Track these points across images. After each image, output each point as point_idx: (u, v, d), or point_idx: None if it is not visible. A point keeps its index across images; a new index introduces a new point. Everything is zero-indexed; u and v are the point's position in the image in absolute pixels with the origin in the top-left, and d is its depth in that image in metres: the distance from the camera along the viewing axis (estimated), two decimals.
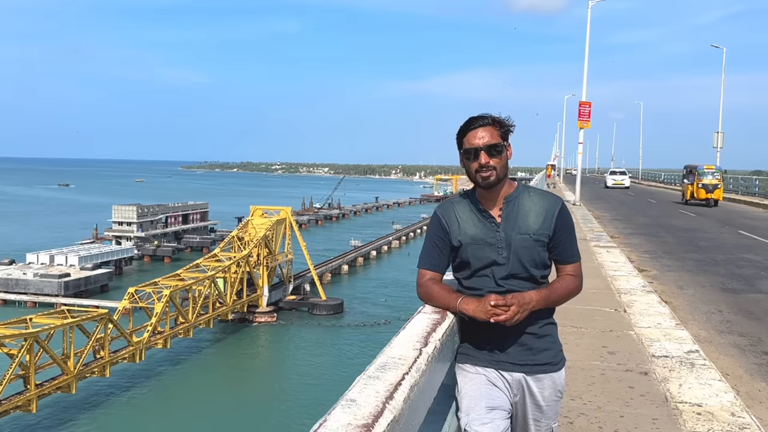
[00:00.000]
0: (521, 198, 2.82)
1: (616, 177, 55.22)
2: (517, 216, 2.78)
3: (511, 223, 2.77)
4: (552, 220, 2.78)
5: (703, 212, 28.73)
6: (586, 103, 30.13)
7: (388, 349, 2.36)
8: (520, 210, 2.79)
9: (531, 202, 2.81)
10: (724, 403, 4.89)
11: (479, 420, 2.69)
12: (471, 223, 2.82)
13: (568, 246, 2.86)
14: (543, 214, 2.78)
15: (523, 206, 2.80)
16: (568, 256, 2.87)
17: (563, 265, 2.89)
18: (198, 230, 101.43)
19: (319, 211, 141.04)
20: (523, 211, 2.79)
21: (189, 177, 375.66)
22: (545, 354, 2.82)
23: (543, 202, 2.81)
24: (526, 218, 2.77)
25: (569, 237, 2.87)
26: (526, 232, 2.76)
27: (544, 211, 2.79)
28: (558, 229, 2.79)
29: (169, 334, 48.11)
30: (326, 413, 1.80)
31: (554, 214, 2.79)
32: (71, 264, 71.52)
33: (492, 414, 2.72)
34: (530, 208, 2.79)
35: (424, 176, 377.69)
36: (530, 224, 2.77)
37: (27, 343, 34.87)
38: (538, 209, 2.79)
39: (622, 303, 8.54)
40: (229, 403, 39.74)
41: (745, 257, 14.98)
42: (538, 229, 2.77)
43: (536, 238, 2.77)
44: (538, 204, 2.80)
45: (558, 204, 2.83)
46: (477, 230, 2.80)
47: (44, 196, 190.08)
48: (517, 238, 2.75)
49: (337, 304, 64.00)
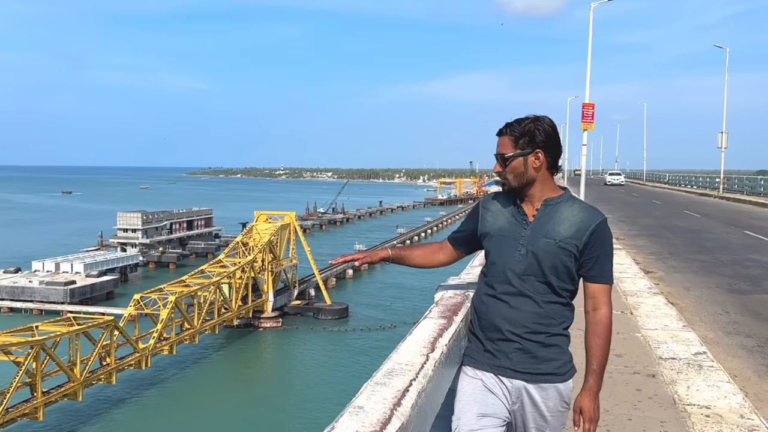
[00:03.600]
0: (562, 205, 2.77)
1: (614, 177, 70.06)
2: (550, 220, 2.75)
3: (541, 225, 2.75)
4: (586, 233, 2.70)
5: (708, 213, 28.65)
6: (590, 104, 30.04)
7: (395, 354, 2.36)
8: (556, 215, 2.75)
9: (570, 211, 2.75)
10: (732, 405, 4.86)
11: (468, 426, 2.66)
12: (504, 215, 2.84)
13: (599, 264, 2.74)
14: (578, 224, 2.71)
15: (560, 212, 2.75)
16: (597, 274, 2.75)
17: (591, 283, 2.78)
18: (203, 236, 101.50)
19: (323, 216, 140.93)
20: (558, 218, 2.74)
21: (193, 183, 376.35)
22: (550, 364, 2.74)
23: (582, 214, 2.74)
24: (558, 224, 2.73)
25: (604, 255, 2.74)
26: (553, 237, 2.71)
27: (580, 222, 2.72)
28: (591, 243, 2.70)
29: (175, 341, 48.14)
30: (333, 420, 1.79)
31: (590, 228, 2.70)
32: (77, 271, 71.65)
33: (483, 421, 2.68)
34: (566, 217, 2.74)
35: (428, 180, 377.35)
36: (560, 231, 2.71)
37: (33, 350, 34.92)
38: (574, 219, 2.73)
39: (629, 305, 8.51)
40: (236, 409, 39.72)
41: (752, 258, 14.91)
42: (567, 237, 2.70)
43: (562, 246, 2.70)
44: (577, 215, 2.74)
45: (598, 219, 2.74)
46: (506, 223, 2.82)
47: (48, 203, 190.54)
48: (541, 240, 2.72)
49: (342, 308, 63.93)
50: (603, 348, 2.78)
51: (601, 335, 2.78)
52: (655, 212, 29.54)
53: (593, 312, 2.79)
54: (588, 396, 2.76)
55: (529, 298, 2.72)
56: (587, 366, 2.80)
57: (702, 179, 58.60)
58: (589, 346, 2.80)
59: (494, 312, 2.77)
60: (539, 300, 2.72)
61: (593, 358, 2.78)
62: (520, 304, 2.73)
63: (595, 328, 2.78)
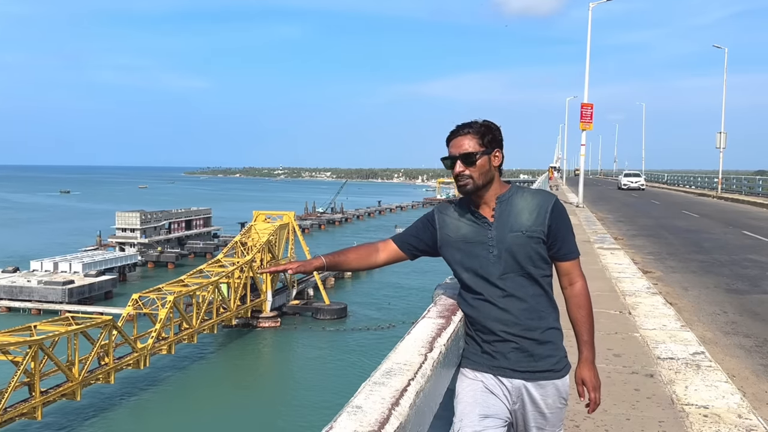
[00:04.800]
0: (514, 198, 2.83)
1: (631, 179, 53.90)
2: (509, 215, 2.79)
3: (503, 222, 2.78)
4: (545, 216, 2.77)
5: (706, 213, 28.68)
6: (588, 104, 30.12)
7: (394, 354, 2.35)
8: (512, 209, 2.80)
9: (524, 200, 2.81)
10: (730, 405, 4.87)
11: (471, 428, 2.68)
12: (464, 223, 2.86)
13: (567, 241, 2.83)
14: (536, 210, 2.78)
15: (515, 205, 2.80)
16: (567, 251, 2.84)
17: (562, 261, 2.86)
18: (201, 236, 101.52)
19: (321, 216, 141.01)
20: (515, 210, 2.79)
21: (192, 183, 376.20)
22: (547, 361, 2.78)
23: (536, 200, 2.81)
24: (518, 216, 2.78)
25: (566, 231, 2.83)
26: (519, 230, 2.75)
27: (537, 207, 2.78)
28: (553, 224, 2.78)
29: (174, 340, 48.13)
30: (332, 420, 1.79)
31: (547, 210, 2.78)
32: (75, 271, 71.63)
33: (485, 422, 2.70)
34: (523, 207, 2.80)
35: (427, 179, 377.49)
36: (523, 221, 2.76)
37: (32, 350, 34.91)
38: (531, 206, 2.79)
39: (627, 305, 8.52)
40: (234, 408, 39.71)
41: (750, 258, 14.92)
42: (531, 226, 2.76)
43: (530, 235, 2.75)
44: (531, 202, 2.80)
45: (551, 199, 2.82)
46: (469, 230, 2.83)
47: (46, 203, 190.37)
48: (509, 236, 2.75)
49: (340, 308, 63.94)
50: (588, 317, 2.88)
51: (584, 306, 2.88)
52: (654, 212, 29.57)
53: (570, 287, 2.89)
54: (587, 366, 2.84)
55: (514, 297, 2.75)
56: (578, 339, 2.89)
57: (700, 179, 58.68)
58: (575, 319, 2.89)
59: (485, 315, 2.78)
60: (524, 296, 2.76)
61: (582, 330, 2.87)
62: (508, 304, 2.75)
63: (576, 301, 2.89)
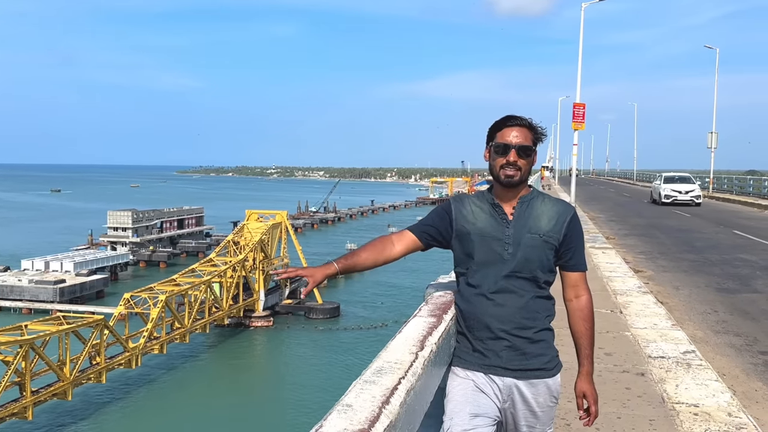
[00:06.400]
0: (535, 201, 2.86)
1: (681, 187, 32.82)
2: (529, 216, 2.81)
3: (522, 222, 2.80)
4: (564, 224, 2.82)
5: (697, 213, 28.81)
6: (581, 104, 30.16)
7: (385, 353, 2.35)
8: (533, 211, 2.83)
9: (544, 205, 2.85)
10: (720, 404, 4.89)
11: (460, 426, 2.69)
12: (482, 216, 2.85)
13: (578, 253, 2.89)
14: (555, 217, 2.82)
15: (536, 208, 2.84)
16: (577, 263, 2.90)
17: (570, 272, 2.90)
18: (193, 235, 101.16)
19: (314, 215, 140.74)
20: (535, 213, 2.82)
21: (184, 182, 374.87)
22: (538, 359, 2.79)
23: (556, 207, 2.86)
24: (538, 219, 2.81)
25: (579, 244, 2.90)
26: (537, 232, 2.79)
27: (556, 215, 2.83)
28: (569, 233, 2.83)
29: (165, 340, 47.98)
30: (322, 419, 1.79)
31: (566, 219, 2.83)
32: (66, 270, 71.25)
33: (475, 421, 2.71)
34: (543, 211, 2.83)
35: (420, 179, 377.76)
36: (542, 225, 2.80)
37: (22, 350, 34.74)
38: (551, 213, 2.83)
39: (618, 304, 8.55)
40: (226, 408, 39.62)
41: (741, 257, 15.02)
42: (549, 231, 2.79)
43: (546, 240, 2.79)
44: (552, 209, 2.85)
45: (570, 211, 2.88)
46: (487, 224, 2.83)
47: (37, 202, 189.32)
48: (526, 236, 2.78)
49: (333, 308, 63.88)
50: (591, 330, 2.92)
51: (589, 319, 2.91)
52: (646, 212, 29.68)
53: (576, 299, 2.92)
54: (587, 380, 2.88)
55: (515, 294, 2.76)
56: (579, 351, 2.91)
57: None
58: (579, 331, 2.91)
59: (481, 310, 2.78)
60: (525, 295, 2.77)
61: (585, 343, 2.90)
62: (506, 301, 2.76)
63: (581, 314, 2.91)
